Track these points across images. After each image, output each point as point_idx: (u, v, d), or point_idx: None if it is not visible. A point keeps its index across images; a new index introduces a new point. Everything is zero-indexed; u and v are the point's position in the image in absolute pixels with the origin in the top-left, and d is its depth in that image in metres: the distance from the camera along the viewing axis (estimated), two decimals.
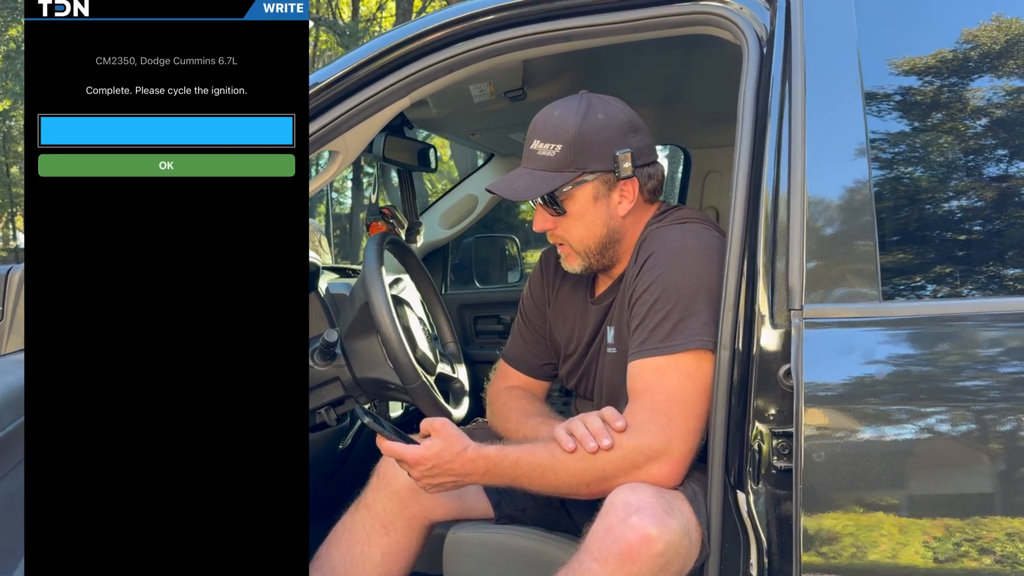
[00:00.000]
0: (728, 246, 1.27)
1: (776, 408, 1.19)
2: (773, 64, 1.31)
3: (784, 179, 1.24)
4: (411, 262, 1.93)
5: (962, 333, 1.19)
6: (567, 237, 1.48)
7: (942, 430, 1.14)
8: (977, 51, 1.29)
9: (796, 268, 1.20)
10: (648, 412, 1.29)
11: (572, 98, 1.46)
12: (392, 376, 1.58)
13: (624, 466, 1.28)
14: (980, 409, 1.13)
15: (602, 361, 1.53)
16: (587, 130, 1.40)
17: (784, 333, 1.19)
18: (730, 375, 1.25)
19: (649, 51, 1.63)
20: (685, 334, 1.30)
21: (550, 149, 1.41)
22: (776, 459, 1.18)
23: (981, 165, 1.26)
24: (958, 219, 1.24)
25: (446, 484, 1.34)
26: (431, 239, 2.90)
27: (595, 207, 1.44)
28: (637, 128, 1.45)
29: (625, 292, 1.43)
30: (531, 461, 1.31)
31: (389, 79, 1.45)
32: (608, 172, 1.42)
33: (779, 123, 1.27)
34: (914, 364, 1.18)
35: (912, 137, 1.28)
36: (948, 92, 1.28)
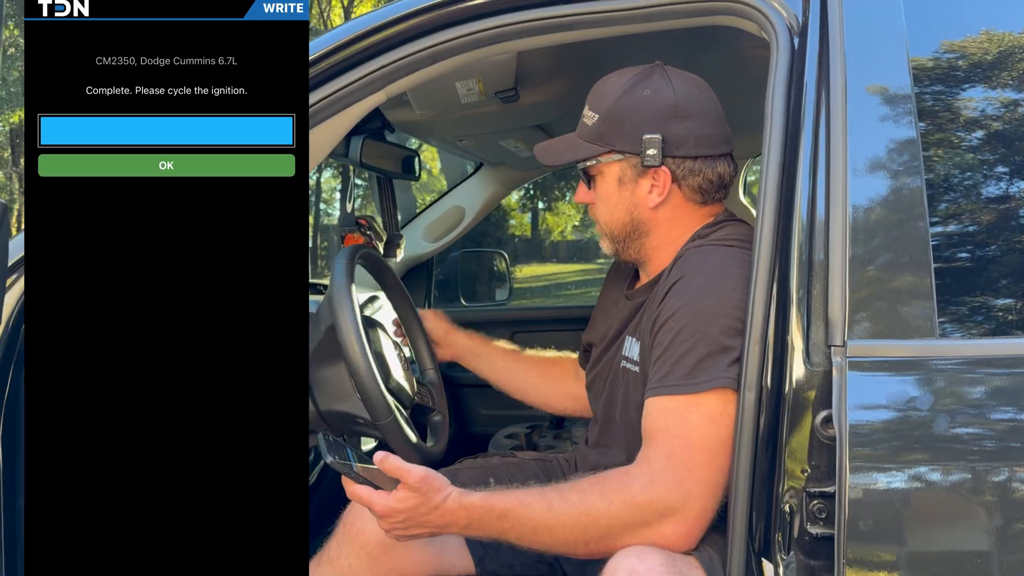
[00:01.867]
0: (754, 269, 1.09)
1: (812, 462, 1.02)
2: (807, 59, 1.14)
3: (821, 192, 1.07)
4: (387, 278, 1.73)
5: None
6: (596, 216, 1.39)
7: (1016, 492, 0.95)
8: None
9: (837, 297, 1.03)
10: (665, 460, 1.10)
11: (641, 68, 1.32)
12: (361, 410, 1.39)
13: (632, 523, 1.10)
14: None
15: (616, 370, 1.38)
16: (624, 105, 1.28)
17: (822, 373, 1.02)
18: (756, 421, 1.07)
19: (657, 48, 1.45)
20: (711, 371, 1.12)
21: (591, 117, 1.32)
22: (811, 524, 1.01)
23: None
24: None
25: (420, 535, 1.16)
26: (414, 253, 2.75)
27: (620, 191, 1.31)
28: (684, 114, 1.27)
29: (651, 309, 1.27)
30: (521, 514, 1.12)
31: (362, 69, 1.27)
32: (634, 155, 1.28)
33: (815, 128, 1.10)
34: (982, 414, 0.99)
35: (974, 144, 1.09)
36: (1018, 87, 1.10)
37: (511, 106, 1.88)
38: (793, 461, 1.02)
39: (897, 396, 0.99)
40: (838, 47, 1.12)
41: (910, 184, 1.05)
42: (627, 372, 1.33)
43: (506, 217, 16.43)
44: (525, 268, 16.15)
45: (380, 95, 1.31)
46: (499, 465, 1.57)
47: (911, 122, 1.07)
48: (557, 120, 2.17)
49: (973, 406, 0.99)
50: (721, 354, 1.12)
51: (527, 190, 15.80)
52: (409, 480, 1.09)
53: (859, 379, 0.99)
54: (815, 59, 1.13)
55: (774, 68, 1.16)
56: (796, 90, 1.13)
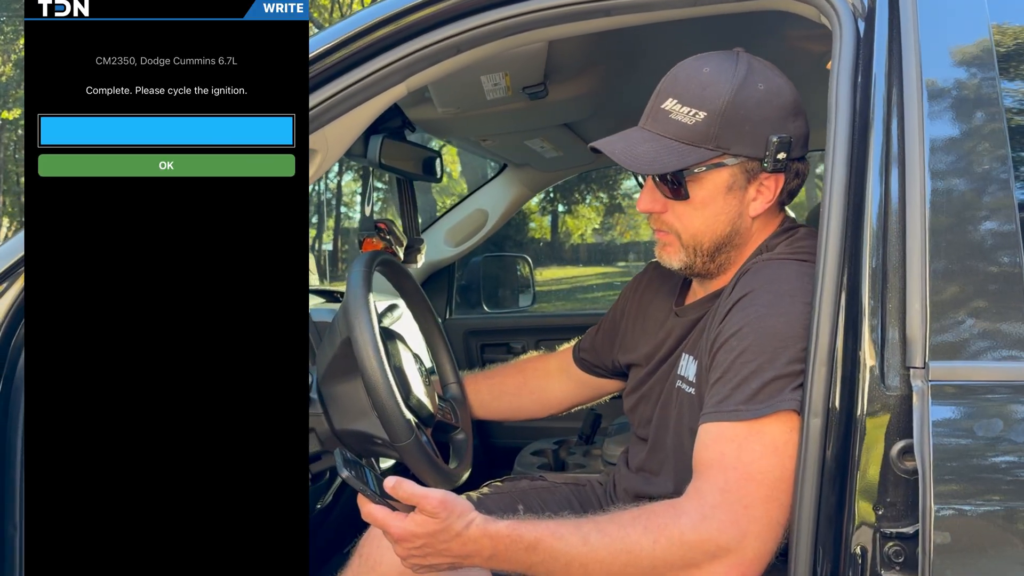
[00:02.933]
0: (819, 280, 0.98)
1: (887, 499, 0.91)
2: (875, 46, 1.02)
3: (895, 195, 0.97)
4: (407, 286, 1.62)
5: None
6: (678, 226, 1.20)
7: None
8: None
9: (916, 313, 0.92)
10: (719, 495, 0.99)
11: (726, 55, 1.17)
12: (379, 429, 1.28)
13: (679, 564, 0.98)
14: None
15: (670, 393, 1.26)
16: (743, 101, 1.11)
17: (900, 398, 0.91)
18: (822, 451, 0.95)
19: (700, 40, 1.34)
20: (776, 396, 1.00)
21: (690, 115, 1.12)
22: (886, 569, 0.91)
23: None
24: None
25: (439, 566, 1.06)
26: (435, 257, 2.66)
27: (726, 199, 1.16)
28: (799, 111, 1.16)
29: (712, 326, 1.15)
30: (553, 547, 1.01)
31: (381, 59, 1.17)
32: (754, 160, 1.14)
33: (886, 122, 0.99)
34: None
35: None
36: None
37: (539, 103, 1.78)
38: (865, 497, 0.92)
39: (988, 425, 0.87)
40: (911, 32, 1.00)
41: (1000, 185, 0.93)
42: (681, 393, 1.22)
43: (526, 220, 16.37)
44: (545, 271, 16.06)
45: (400, 88, 1.21)
46: (528, 490, 1.46)
47: (997, 114, 0.95)
48: (587, 119, 2.06)
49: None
50: (788, 379, 1.00)
51: (547, 192, 15.72)
52: (427, 507, 0.99)
53: (943, 406, 0.87)
54: (884, 46, 1.02)
55: (837, 57, 1.05)
56: (864, 81, 1.02)
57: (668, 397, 1.26)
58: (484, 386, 1.63)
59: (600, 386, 1.59)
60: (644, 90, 1.24)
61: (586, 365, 1.58)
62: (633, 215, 16.46)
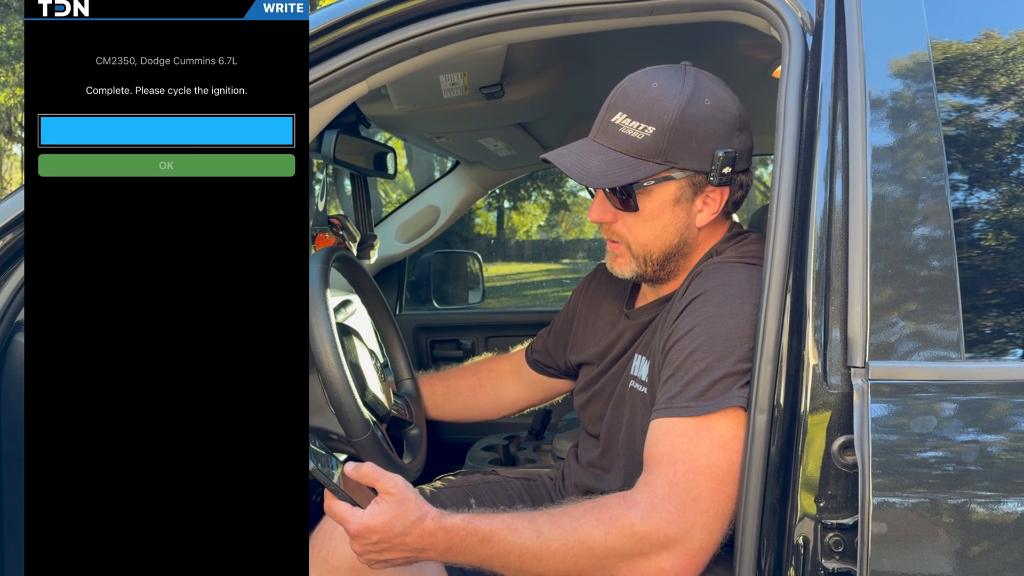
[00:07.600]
0: (766, 282, 1.02)
1: (828, 491, 0.95)
2: (822, 59, 1.07)
3: (839, 201, 1.00)
4: (363, 282, 1.63)
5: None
6: (628, 237, 1.23)
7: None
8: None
9: (857, 315, 0.96)
10: (668, 487, 1.02)
11: (674, 69, 1.19)
12: (335, 425, 1.29)
13: (629, 554, 1.01)
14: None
15: (623, 392, 1.28)
16: (691, 117, 1.13)
17: (841, 396, 0.95)
18: (767, 446, 1.00)
19: (651, 45, 1.38)
20: (725, 393, 1.04)
21: (639, 129, 1.14)
22: (827, 559, 0.95)
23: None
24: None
25: (395, 560, 1.07)
26: (386, 253, 2.64)
27: (674, 211, 1.19)
28: (744, 125, 1.19)
29: (663, 327, 1.18)
30: (507, 539, 1.03)
31: (342, 58, 1.17)
32: (701, 173, 1.17)
33: (831, 132, 1.03)
34: (1018, 441, 0.92)
35: (1003, 148, 1.03)
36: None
37: (494, 103, 1.79)
38: (807, 490, 0.96)
39: (923, 422, 0.92)
40: (856, 46, 1.05)
41: (935, 193, 0.98)
42: (634, 393, 1.25)
43: (472, 216, 16.33)
44: (491, 267, 16.05)
45: (361, 86, 1.22)
46: (480, 484, 1.48)
47: (935, 125, 1.00)
48: (541, 119, 2.09)
49: (1008, 433, 0.92)
50: (737, 377, 1.04)
51: (494, 189, 15.71)
52: (385, 484, 1.03)
53: (881, 403, 0.92)
54: (830, 58, 1.06)
55: (786, 68, 1.09)
56: (811, 91, 1.06)
57: (621, 396, 1.28)
58: (439, 387, 1.65)
59: (552, 387, 1.62)
60: (597, 93, 1.27)
61: (539, 366, 1.60)
62: (578, 212, 16.58)
